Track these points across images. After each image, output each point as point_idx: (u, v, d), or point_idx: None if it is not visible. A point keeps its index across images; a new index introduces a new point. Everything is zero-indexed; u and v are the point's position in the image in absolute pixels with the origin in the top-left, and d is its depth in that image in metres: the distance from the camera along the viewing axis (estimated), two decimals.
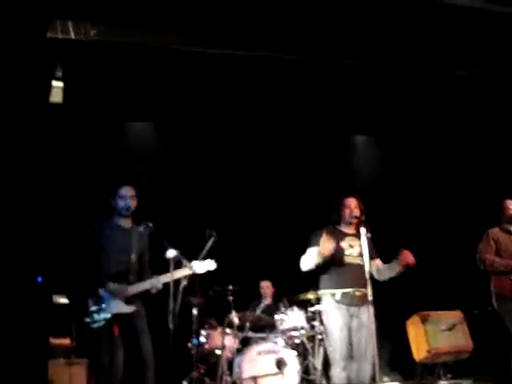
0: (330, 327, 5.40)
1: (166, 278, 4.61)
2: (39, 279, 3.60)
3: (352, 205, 5.42)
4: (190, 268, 4.68)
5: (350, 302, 5.25)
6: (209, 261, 4.81)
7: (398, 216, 9.26)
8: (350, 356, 5.30)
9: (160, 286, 4.62)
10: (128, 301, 4.55)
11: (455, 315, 7.44)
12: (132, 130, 9.00)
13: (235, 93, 8.36)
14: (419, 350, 7.28)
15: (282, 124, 9.06)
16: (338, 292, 5.27)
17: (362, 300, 5.08)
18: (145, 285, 4.61)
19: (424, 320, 7.29)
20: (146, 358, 4.49)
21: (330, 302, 5.35)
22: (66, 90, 6.90)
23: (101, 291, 4.51)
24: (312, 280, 6.72)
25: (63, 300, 6.34)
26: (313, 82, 8.33)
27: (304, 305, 7.38)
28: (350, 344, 5.29)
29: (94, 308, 4.49)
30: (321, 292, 5.48)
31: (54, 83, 6.69)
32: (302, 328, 7.07)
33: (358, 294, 5.19)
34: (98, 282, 4.55)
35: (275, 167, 9.07)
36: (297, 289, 7.49)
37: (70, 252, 4.83)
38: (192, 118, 8.77)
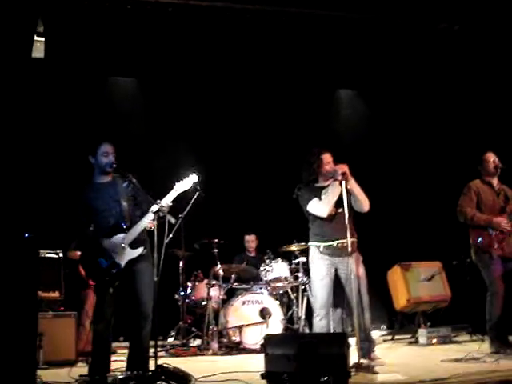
0: (312, 277, 5.51)
1: (167, 198, 4.63)
2: (26, 235, 3.65)
3: (329, 160, 5.47)
4: (176, 190, 4.69)
5: (332, 252, 5.34)
6: (190, 175, 4.80)
7: (382, 169, 9.36)
8: (337, 305, 5.45)
9: (165, 207, 4.58)
10: (133, 245, 4.60)
11: (435, 266, 7.63)
12: (115, 85, 8.95)
13: (219, 47, 8.31)
14: (399, 299, 7.48)
15: (267, 78, 9.02)
16: (322, 244, 5.36)
17: (347, 249, 5.07)
18: (143, 221, 4.63)
19: (404, 270, 7.47)
20: (145, 310, 4.55)
21: (314, 252, 5.44)
22: (47, 44, 6.84)
23: (106, 245, 4.56)
24: (296, 232, 6.87)
25: (52, 255, 6.46)
26: (297, 35, 8.28)
27: (288, 256, 7.55)
28: (335, 292, 5.41)
29: (106, 264, 4.55)
30: (309, 243, 5.55)
31: (36, 38, 6.63)
32: (286, 279, 7.27)
33: (341, 244, 5.25)
34: (94, 236, 4.61)
35: (260, 122, 9.07)
36: (281, 241, 7.65)
37: (67, 215, 4.89)
38: (175, 73, 8.72)
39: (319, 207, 5.32)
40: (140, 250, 4.62)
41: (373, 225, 9.06)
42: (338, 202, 5.24)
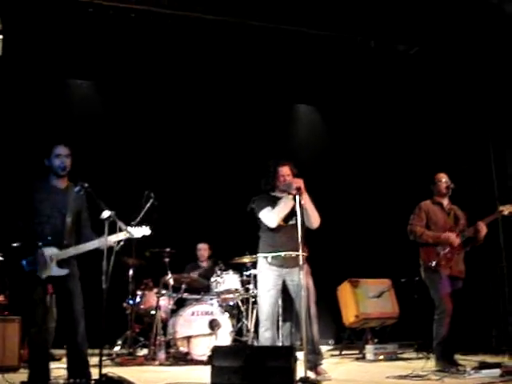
0: (259, 288, 5.51)
1: (113, 237, 4.58)
2: None
3: (285, 173, 5.49)
4: (127, 232, 4.66)
5: (281, 263, 5.35)
6: (144, 227, 4.79)
7: (336, 185, 9.46)
8: (286, 319, 5.44)
9: (111, 243, 4.55)
10: (61, 264, 4.52)
11: (384, 283, 7.72)
12: (72, 87, 8.85)
13: (176, 54, 8.32)
14: (348, 314, 7.53)
15: (225, 90, 9.06)
16: (270, 255, 5.37)
17: (295, 261, 5.09)
18: (84, 247, 4.57)
19: (354, 286, 7.53)
20: (76, 316, 4.50)
21: (263, 263, 5.44)
22: (5, 43, 6.74)
23: (35, 254, 4.47)
24: (248, 244, 6.85)
25: None
26: (257, 49, 8.34)
27: (239, 268, 7.54)
28: (285, 306, 5.43)
29: (28, 269, 4.46)
30: (257, 255, 5.55)
31: None
32: (237, 291, 7.24)
33: (289, 255, 5.27)
34: (29, 242, 4.50)
35: (216, 133, 9.09)
36: (233, 252, 7.63)
37: (3, 209, 4.77)
38: (133, 78, 8.68)
39: (269, 216, 5.34)
40: (65, 271, 4.56)
41: (324, 240, 9.13)
42: (290, 215, 5.28)
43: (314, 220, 5.42)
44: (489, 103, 8.40)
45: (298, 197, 5.15)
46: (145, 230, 4.77)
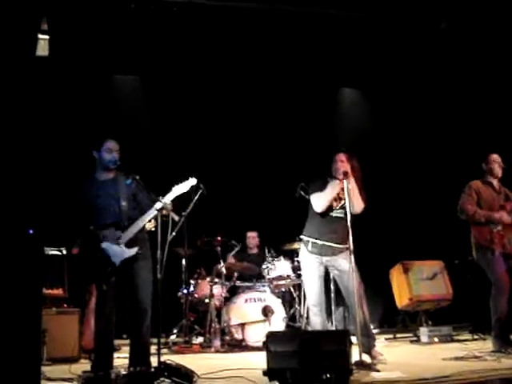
0: (303, 274, 5.65)
1: (169, 195, 4.67)
2: (30, 231, 3.67)
3: (343, 159, 5.49)
4: (175, 191, 4.70)
5: (320, 251, 5.41)
6: (190, 178, 4.81)
7: (385, 167, 9.38)
8: (339, 303, 5.52)
9: (169, 205, 4.60)
10: (130, 245, 4.63)
11: (437, 264, 7.64)
12: (118, 83, 8.99)
13: (222, 46, 8.34)
14: (401, 297, 7.50)
15: (271, 76, 9.06)
16: (310, 240, 5.45)
17: (336, 250, 5.31)
18: (145, 216, 4.65)
19: (407, 269, 7.48)
20: (143, 306, 4.59)
21: (304, 250, 5.53)
22: (51, 43, 6.88)
23: (102, 245, 4.59)
24: (297, 230, 6.88)
25: (55, 252, 6.49)
26: (301, 34, 8.30)
27: (290, 254, 7.57)
28: (337, 291, 5.51)
29: (101, 262, 4.57)
30: (301, 236, 5.63)
31: (40, 36, 6.66)
32: (288, 277, 7.29)
33: (329, 244, 5.36)
34: (98, 238, 4.63)
35: (263, 120, 9.10)
36: (284, 239, 7.67)
37: (68, 212, 4.91)
38: (178, 72, 8.76)
39: (317, 200, 5.39)
40: (135, 250, 4.64)
41: (376, 223, 9.10)
42: (336, 204, 5.39)
43: (358, 205, 5.39)
44: None
45: (345, 182, 5.18)
46: (191, 181, 4.81)
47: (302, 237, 5.58)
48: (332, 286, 6.74)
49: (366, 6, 7.74)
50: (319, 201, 5.38)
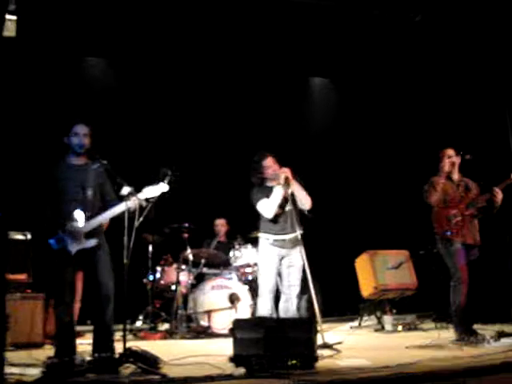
0: (260, 265, 5.93)
1: (140, 195, 4.62)
2: None
3: (269, 164, 5.83)
4: (145, 192, 4.67)
5: (281, 244, 5.72)
6: (161, 183, 4.78)
7: (352, 157, 9.45)
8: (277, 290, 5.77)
9: (137, 202, 4.57)
10: (89, 236, 4.60)
11: (402, 254, 7.71)
12: (87, 65, 8.87)
13: (190, 30, 8.29)
14: (367, 286, 7.55)
15: (238, 65, 9.03)
16: (272, 237, 5.74)
17: (293, 243, 5.68)
18: (109, 213, 4.64)
19: (372, 258, 7.55)
20: (106, 293, 4.57)
21: (264, 243, 5.80)
22: (19, 23, 6.75)
23: (60, 233, 4.55)
24: None
25: (20, 236, 6.40)
26: (269, 22, 8.29)
27: (257, 242, 7.57)
28: (279, 279, 5.83)
29: (56, 247, 4.53)
30: (259, 234, 5.90)
31: (7, 17, 6.55)
32: (255, 265, 7.30)
33: (288, 237, 5.69)
34: (56, 221, 4.59)
35: (231, 108, 9.08)
36: (251, 227, 7.67)
37: (31, 195, 4.85)
38: (147, 55, 8.68)
39: (265, 208, 5.71)
40: (93, 242, 4.64)
41: (342, 213, 9.18)
42: (284, 202, 5.71)
43: (306, 202, 5.82)
44: (503, 71, 8.29)
45: (286, 185, 5.62)
46: (162, 187, 4.78)
47: (262, 232, 5.86)
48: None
49: None
50: (267, 209, 5.70)
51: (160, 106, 8.84)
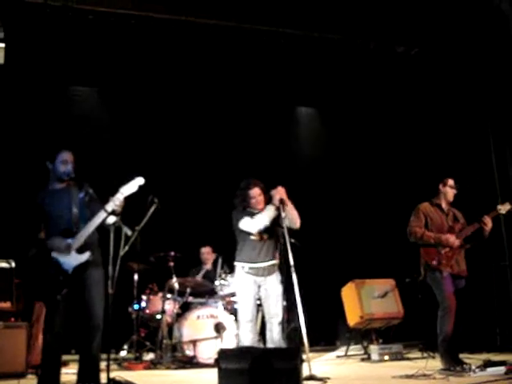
0: (238, 294, 5.82)
1: (118, 196, 4.56)
2: None
3: (256, 194, 5.76)
4: (123, 191, 4.61)
5: (256, 272, 5.65)
6: (137, 177, 4.72)
7: (339, 186, 9.49)
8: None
9: (117, 202, 4.52)
10: (81, 251, 4.54)
11: (388, 283, 7.72)
12: (75, 94, 8.89)
13: (176, 58, 8.37)
14: (353, 315, 7.53)
15: (226, 94, 9.10)
16: (247, 265, 5.67)
17: (269, 271, 5.63)
18: (93, 221, 4.55)
19: (358, 287, 7.54)
20: (96, 323, 4.49)
21: (240, 272, 5.71)
22: (8, 51, 6.79)
23: (53, 255, 4.49)
24: None
25: (4, 264, 6.33)
26: (257, 52, 8.39)
27: None
28: (259, 310, 5.84)
29: (53, 271, 4.47)
30: (235, 263, 5.82)
31: None
32: None
33: (263, 265, 5.63)
34: (47, 245, 4.54)
35: (218, 136, 9.11)
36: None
37: (24, 222, 4.81)
38: (136, 85, 8.72)
39: (251, 223, 5.64)
40: (87, 255, 4.55)
41: (328, 242, 9.19)
42: (265, 230, 5.63)
43: (296, 221, 5.76)
44: (489, 103, 8.43)
45: (281, 207, 5.56)
46: (138, 181, 4.71)
47: (237, 261, 5.76)
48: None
49: (323, 26, 7.87)
50: (255, 224, 5.62)
51: (146, 133, 8.85)
